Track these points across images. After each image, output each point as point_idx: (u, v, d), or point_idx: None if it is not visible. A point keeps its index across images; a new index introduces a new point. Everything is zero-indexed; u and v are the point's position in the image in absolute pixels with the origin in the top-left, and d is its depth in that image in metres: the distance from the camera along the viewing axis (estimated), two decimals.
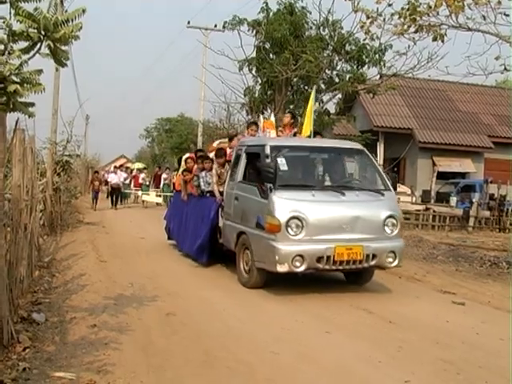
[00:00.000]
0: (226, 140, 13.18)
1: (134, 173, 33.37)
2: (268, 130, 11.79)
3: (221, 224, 10.68)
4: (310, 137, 11.22)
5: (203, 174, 11.77)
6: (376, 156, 26.83)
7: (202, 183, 11.78)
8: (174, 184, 15.88)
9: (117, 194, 27.61)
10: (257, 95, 25.35)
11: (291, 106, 25.79)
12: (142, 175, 30.71)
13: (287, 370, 5.68)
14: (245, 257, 9.50)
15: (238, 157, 10.42)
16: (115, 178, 27.69)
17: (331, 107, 26.18)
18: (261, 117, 13.14)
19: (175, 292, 8.92)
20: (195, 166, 12.49)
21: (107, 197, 28.92)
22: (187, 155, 13.93)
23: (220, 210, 10.75)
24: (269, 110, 26.21)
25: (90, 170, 38.95)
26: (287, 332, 6.93)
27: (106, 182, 29.85)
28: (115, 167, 30.88)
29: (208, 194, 11.59)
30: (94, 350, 5.92)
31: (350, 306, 8.22)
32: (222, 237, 10.64)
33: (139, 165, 36.61)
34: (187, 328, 6.96)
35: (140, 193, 29.91)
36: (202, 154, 13.05)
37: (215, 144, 13.81)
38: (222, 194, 10.83)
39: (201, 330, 6.89)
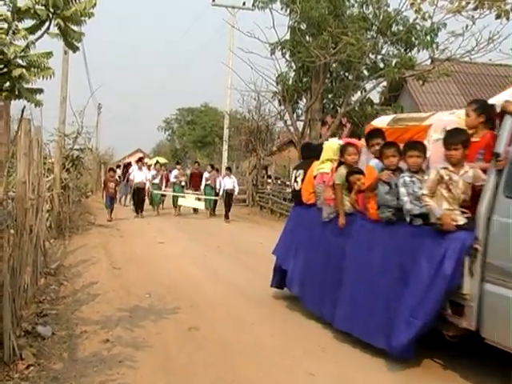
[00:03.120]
0: (418, 115, 8.30)
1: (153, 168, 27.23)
2: None
3: (468, 290, 6.02)
4: None
5: (406, 178, 6.86)
6: None
7: (404, 197, 6.79)
8: (295, 192, 9.56)
9: (142, 197, 23.46)
10: (290, 83, 25.32)
11: (329, 96, 25.72)
12: (175, 172, 25.63)
13: None
14: None
15: None
16: (140, 176, 23.52)
17: (375, 96, 26.13)
18: None
19: (198, 303, 8.93)
20: (372, 163, 7.52)
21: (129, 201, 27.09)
22: (335, 141, 9.02)
23: (467, 259, 6.04)
24: (304, 100, 26.21)
25: (103, 166, 38.57)
26: (324, 350, 6.88)
27: (123, 180, 28.41)
28: (139, 161, 25.82)
29: (419, 222, 6.65)
30: (107, 369, 5.94)
31: None
32: (479, 320, 5.91)
33: (161, 159, 34.61)
34: (211, 344, 6.95)
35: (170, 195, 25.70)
36: (380, 139, 7.72)
37: (385, 123, 8.32)
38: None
39: (227, 346, 6.88)
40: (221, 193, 24.13)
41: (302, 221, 9.20)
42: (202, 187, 24.85)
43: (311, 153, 9.45)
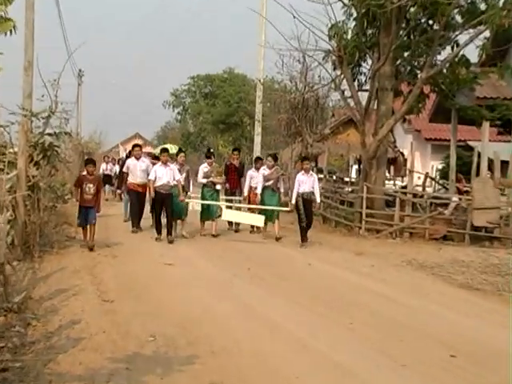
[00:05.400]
0: None
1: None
2: None
3: None
4: None
5: None
6: None
7: None
8: None
9: (168, 209, 20.60)
10: (350, 37, 25.17)
11: (405, 54, 25.49)
12: (204, 167, 22.82)
13: None
14: None
15: None
16: (166, 175, 20.60)
17: (472, 53, 25.66)
18: None
19: (222, 349, 8.93)
20: None
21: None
22: None
23: None
24: (369, 61, 26.02)
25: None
26: None
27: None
28: (136, 146, 24.09)
29: None
30: None
31: None
32: None
33: (172, 148, 31.80)
34: None
35: (194, 205, 23.21)
36: None
37: None
38: None
39: None
40: (293, 200, 21.06)
41: None
42: (259, 190, 22.30)
43: None
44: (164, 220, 20.68)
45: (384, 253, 19.12)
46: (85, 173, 19.12)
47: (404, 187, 26.80)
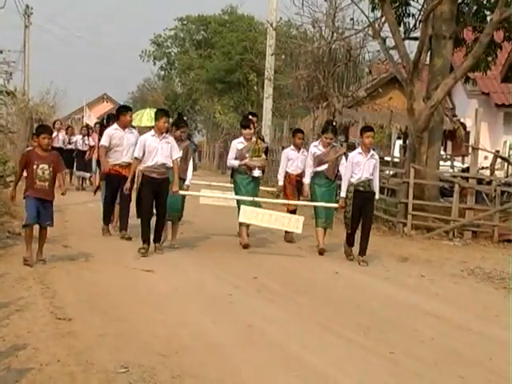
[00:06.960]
0: None
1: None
2: None
3: None
4: None
5: None
6: None
7: None
8: None
9: (164, 201, 18.27)
10: None
11: None
12: (238, 143, 20.44)
13: None
14: None
15: None
16: (160, 151, 17.90)
17: None
18: None
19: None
20: None
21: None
22: None
23: None
24: None
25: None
26: None
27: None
28: (118, 114, 21.17)
29: None
30: None
31: None
32: None
33: (151, 114, 30.60)
34: None
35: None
36: None
37: None
38: None
39: None
40: (343, 192, 18.73)
41: None
42: (307, 179, 20.25)
43: None
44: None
45: (438, 258, 19.15)
46: (31, 148, 18.02)
47: (465, 170, 26.76)
